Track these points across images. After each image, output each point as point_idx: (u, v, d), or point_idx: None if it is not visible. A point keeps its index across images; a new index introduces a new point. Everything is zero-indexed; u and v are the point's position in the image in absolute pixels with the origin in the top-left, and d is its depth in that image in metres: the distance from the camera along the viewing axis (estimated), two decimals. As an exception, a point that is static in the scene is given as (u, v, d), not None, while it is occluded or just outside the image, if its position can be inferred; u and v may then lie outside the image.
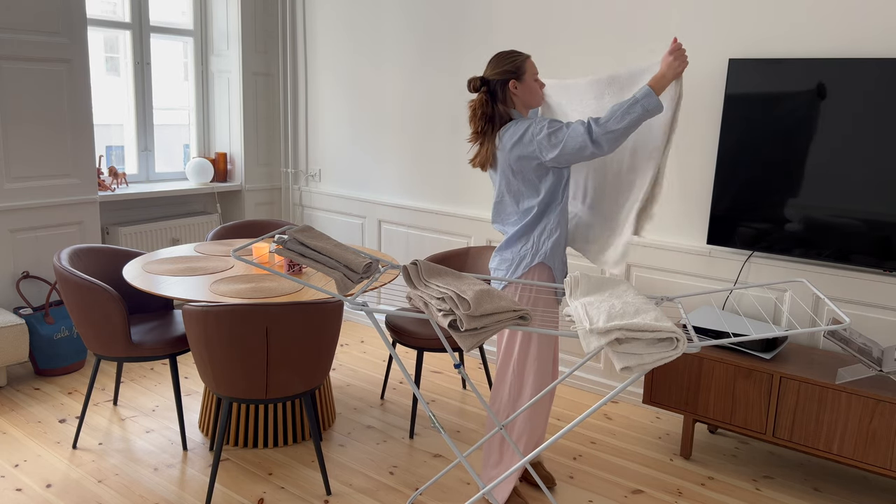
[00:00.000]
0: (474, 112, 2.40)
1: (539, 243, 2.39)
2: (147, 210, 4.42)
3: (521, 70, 2.37)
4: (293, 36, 4.66)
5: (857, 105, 2.73)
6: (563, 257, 2.46)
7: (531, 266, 2.38)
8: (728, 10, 3.05)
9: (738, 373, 2.75)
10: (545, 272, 2.40)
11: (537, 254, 2.39)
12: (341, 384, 3.63)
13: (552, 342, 2.45)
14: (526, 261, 2.39)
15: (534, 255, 2.39)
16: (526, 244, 2.40)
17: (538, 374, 2.42)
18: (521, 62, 2.37)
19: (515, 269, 2.40)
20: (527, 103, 2.42)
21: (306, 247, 1.95)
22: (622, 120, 2.19)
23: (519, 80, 2.37)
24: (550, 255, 2.40)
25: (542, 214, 2.39)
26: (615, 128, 2.19)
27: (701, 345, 1.70)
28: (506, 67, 2.36)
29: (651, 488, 2.74)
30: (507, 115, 2.39)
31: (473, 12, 3.80)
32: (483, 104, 2.39)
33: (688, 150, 3.23)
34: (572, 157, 2.27)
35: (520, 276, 2.40)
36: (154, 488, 2.62)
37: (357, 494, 2.63)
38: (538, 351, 2.41)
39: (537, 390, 2.42)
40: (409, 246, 4.28)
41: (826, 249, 2.86)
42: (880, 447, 2.49)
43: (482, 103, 2.39)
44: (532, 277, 2.40)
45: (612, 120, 2.20)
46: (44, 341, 3.51)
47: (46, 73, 3.61)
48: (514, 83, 2.36)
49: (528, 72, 2.38)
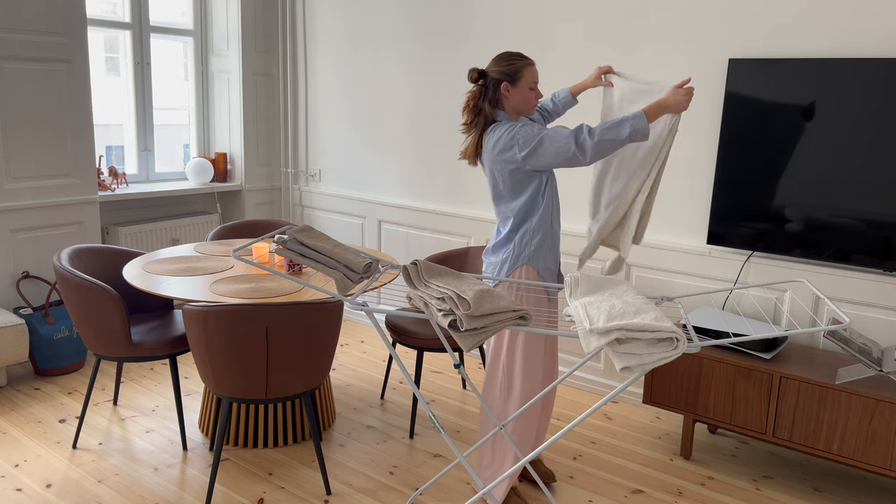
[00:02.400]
0: (467, 102, 2.41)
1: (521, 245, 2.40)
2: (147, 210, 4.42)
3: (518, 75, 2.36)
4: (293, 36, 4.66)
5: (857, 105, 2.73)
6: (551, 258, 2.46)
7: (516, 267, 2.40)
8: (728, 10, 3.05)
9: (738, 373, 2.75)
10: (531, 273, 2.41)
11: (521, 255, 2.40)
12: (341, 384, 3.63)
13: (540, 343, 2.44)
14: (510, 262, 2.40)
15: (517, 257, 2.40)
16: (508, 246, 2.41)
17: (527, 375, 2.42)
18: (520, 67, 2.36)
19: (499, 271, 2.41)
20: (517, 109, 2.40)
21: (306, 247, 1.95)
22: (606, 134, 2.20)
23: (512, 84, 2.36)
24: (535, 257, 2.40)
25: (523, 218, 2.39)
26: (599, 139, 2.20)
27: (701, 345, 1.70)
28: (503, 68, 2.36)
29: (651, 488, 2.74)
30: (492, 116, 2.38)
31: (474, 12, 3.80)
32: (475, 96, 2.39)
33: (688, 149, 3.23)
34: (550, 159, 2.26)
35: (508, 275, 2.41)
36: (154, 488, 2.62)
37: (357, 494, 2.63)
38: (524, 351, 2.41)
39: (527, 391, 2.42)
40: (409, 246, 4.28)
41: (826, 249, 2.86)
42: (880, 447, 2.49)
43: (475, 95, 2.39)
44: (518, 277, 2.40)
45: (599, 132, 2.21)
46: (44, 341, 3.51)
47: (46, 73, 3.61)
48: (506, 86, 2.36)
49: (524, 78, 2.36)
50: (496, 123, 2.37)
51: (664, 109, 2.24)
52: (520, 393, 2.42)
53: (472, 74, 2.38)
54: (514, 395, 2.42)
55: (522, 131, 2.28)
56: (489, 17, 3.75)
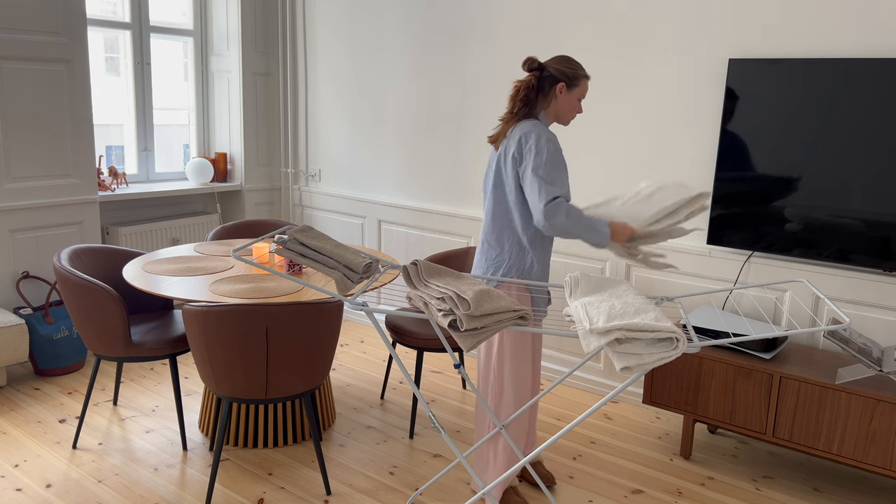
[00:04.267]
0: (517, 91, 2.36)
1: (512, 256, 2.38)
2: (147, 210, 4.42)
3: (576, 82, 2.34)
4: (293, 36, 4.66)
5: (857, 105, 2.73)
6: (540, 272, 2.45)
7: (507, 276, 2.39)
8: (728, 10, 3.05)
9: (738, 373, 2.75)
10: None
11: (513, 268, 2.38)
12: (341, 384, 3.63)
13: (527, 343, 2.45)
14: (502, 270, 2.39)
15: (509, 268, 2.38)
16: (501, 253, 2.39)
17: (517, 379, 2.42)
18: (580, 76, 2.35)
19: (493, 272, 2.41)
20: (558, 114, 2.39)
21: (306, 247, 1.95)
22: (578, 229, 2.21)
23: (568, 88, 2.34)
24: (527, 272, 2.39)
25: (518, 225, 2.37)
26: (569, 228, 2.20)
27: (701, 345, 1.70)
28: (565, 69, 2.33)
29: (651, 488, 2.74)
30: (533, 113, 2.36)
31: (473, 12, 3.80)
32: (528, 87, 2.34)
33: (688, 149, 3.23)
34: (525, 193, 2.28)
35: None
36: (154, 488, 2.62)
37: (357, 494, 2.63)
38: (512, 356, 2.41)
39: (518, 394, 2.43)
40: (409, 246, 4.28)
41: (826, 249, 2.86)
42: (880, 447, 2.49)
43: (528, 85, 2.34)
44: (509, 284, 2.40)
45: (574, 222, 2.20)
46: (44, 341, 3.51)
47: (46, 73, 3.61)
48: (562, 86, 2.33)
49: (579, 88, 2.35)
50: (529, 120, 2.34)
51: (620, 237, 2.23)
52: (512, 396, 2.42)
53: (530, 63, 2.33)
54: (506, 398, 2.43)
55: (551, 156, 2.24)
56: (489, 17, 3.75)
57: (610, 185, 3.48)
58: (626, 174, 3.42)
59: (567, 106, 2.37)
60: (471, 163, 3.94)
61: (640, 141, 3.35)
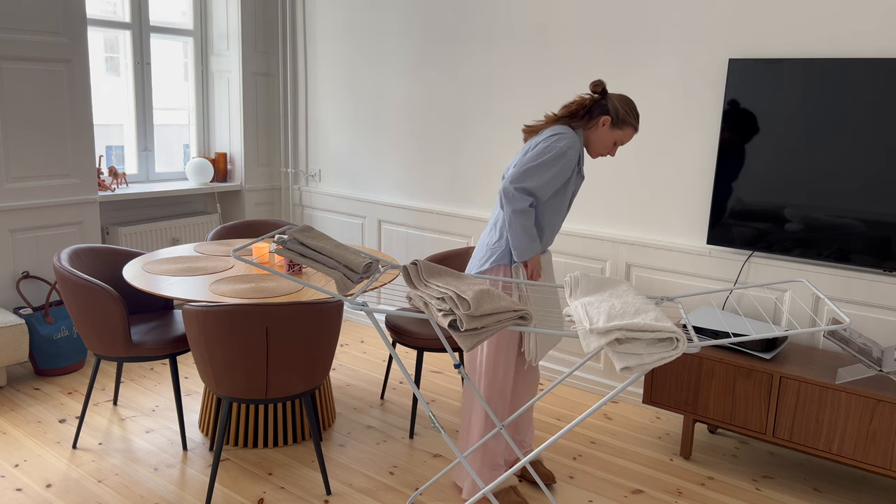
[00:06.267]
0: (572, 105, 2.41)
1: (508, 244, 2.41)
2: (147, 210, 4.42)
3: (622, 126, 2.39)
4: (293, 36, 4.66)
5: (857, 105, 2.73)
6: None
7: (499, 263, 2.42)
8: (728, 10, 3.05)
9: (738, 373, 2.75)
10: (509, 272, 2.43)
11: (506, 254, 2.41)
12: (341, 384, 3.63)
13: (515, 345, 2.46)
14: (495, 256, 2.42)
15: (503, 255, 2.41)
16: (500, 240, 2.43)
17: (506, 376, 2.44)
18: (629, 122, 2.39)
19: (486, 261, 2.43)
20: (590, 143, 2.44)
21: (306, 247, 1.95)
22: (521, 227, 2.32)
23: (611, 125, 2.38)
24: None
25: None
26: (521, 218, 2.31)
27: (701, 345, 1.70)
28: (620, 108, 2.38)
29: (651, 488, 2.74)
30: (573, 125, 2.41)
31: (473, 12, 3.80)
32: (582, 104, 2.40)
33: (687, 149, 3.23)
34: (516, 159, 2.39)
35: (487, 269, 2.42)
36: (154, 488, 2.62)
37: (357, 494, 2.63)
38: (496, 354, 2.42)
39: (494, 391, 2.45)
40: (409, 246, 4.28)
41: (826, 249, 2.86)
42: (880, 447, 2.49)
43: (584, 103, 2.40)
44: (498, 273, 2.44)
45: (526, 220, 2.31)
46: (44, 341, 3.51)
47: (46, 73, 3.61)
48: (607, 120, 2.38)
49: (621, 132, 2.40)
50: (572, 130, 2.39)
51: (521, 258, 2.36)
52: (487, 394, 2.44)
53: (596, 85, 2.38)
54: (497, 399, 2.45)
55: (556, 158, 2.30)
56: (489, 17, 3.75)
57: (610, 185, 3.48)
58: (627, 174, 3.42)
59: (602, 140, 2.42)
60: (471, 163, 3.94)
61: (640, 141, 3.35)
